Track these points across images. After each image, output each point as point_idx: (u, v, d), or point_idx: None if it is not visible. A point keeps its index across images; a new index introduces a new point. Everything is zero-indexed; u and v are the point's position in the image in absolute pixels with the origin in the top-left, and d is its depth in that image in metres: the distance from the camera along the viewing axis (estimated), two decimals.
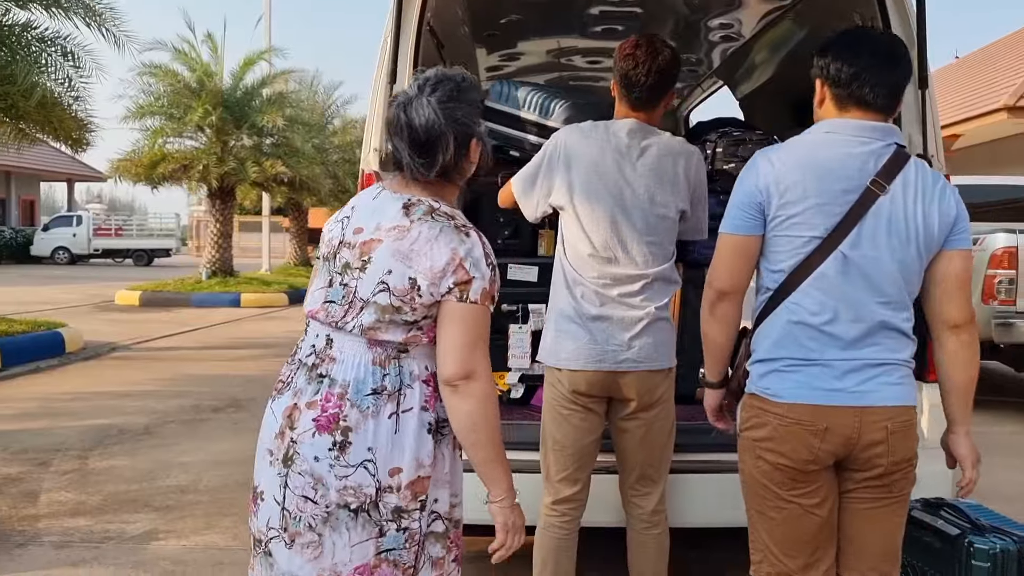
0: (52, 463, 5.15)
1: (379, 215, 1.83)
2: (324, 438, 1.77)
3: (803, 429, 1.98)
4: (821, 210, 1.98)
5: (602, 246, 2.60)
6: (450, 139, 1.78)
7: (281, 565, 1.81)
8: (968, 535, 2.30)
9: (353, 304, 1.81)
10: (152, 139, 16.29)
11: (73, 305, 14.77)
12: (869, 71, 2.02)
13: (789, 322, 2.02)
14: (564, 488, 2.70)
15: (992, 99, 13.36)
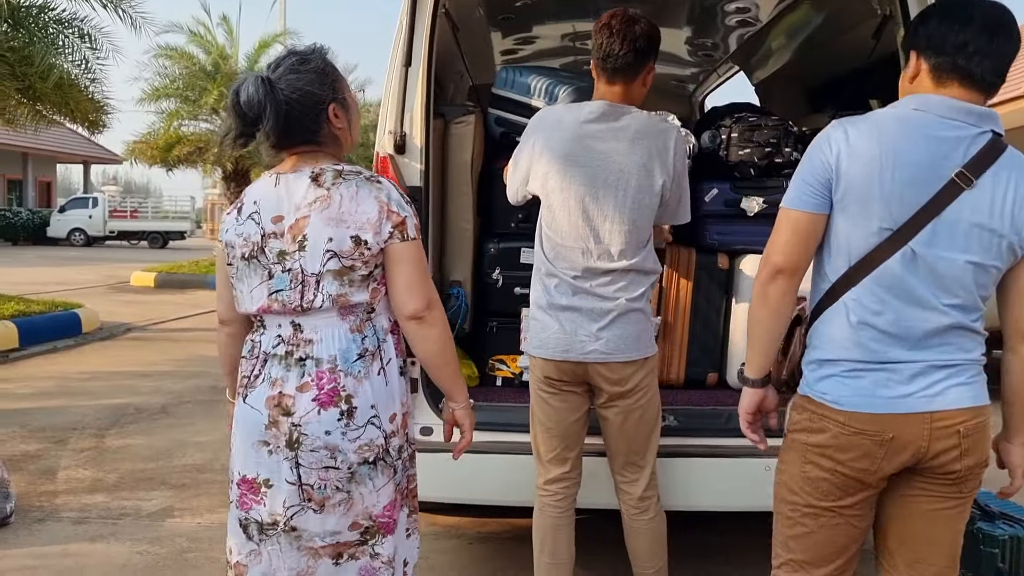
0: (69, 441, 5.22)
1: (291, 197, 1.92)
2: (330, 412, 1.89)
3: (867, 439, 1.84)
4: (896, 198, 1.78)
5: (574, 237, 2.55)
6: (271, 112, 1.86)
7: (314, 528, 1.94)
8: (978, 522, 2.31)
9: (306, 283, 1.90)
10: (168, 121, 16.34)
11: (89, 286, 14.88)
12: (979, 40, 1.78)
13: (849, 321, 1.86)
14: (554, 467, 2.74)
15: (1012, 87, 13.19)
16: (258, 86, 1.88)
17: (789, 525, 1.97)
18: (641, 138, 2.54)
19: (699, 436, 3.09)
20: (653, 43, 2.58)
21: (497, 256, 3.43)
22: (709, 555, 3.59)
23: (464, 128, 3.27)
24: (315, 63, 1.94)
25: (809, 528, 1.93)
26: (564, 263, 2.58)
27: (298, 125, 1.92)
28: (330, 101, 1.94)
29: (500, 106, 3.57)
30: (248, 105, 1.88)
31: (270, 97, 1.87)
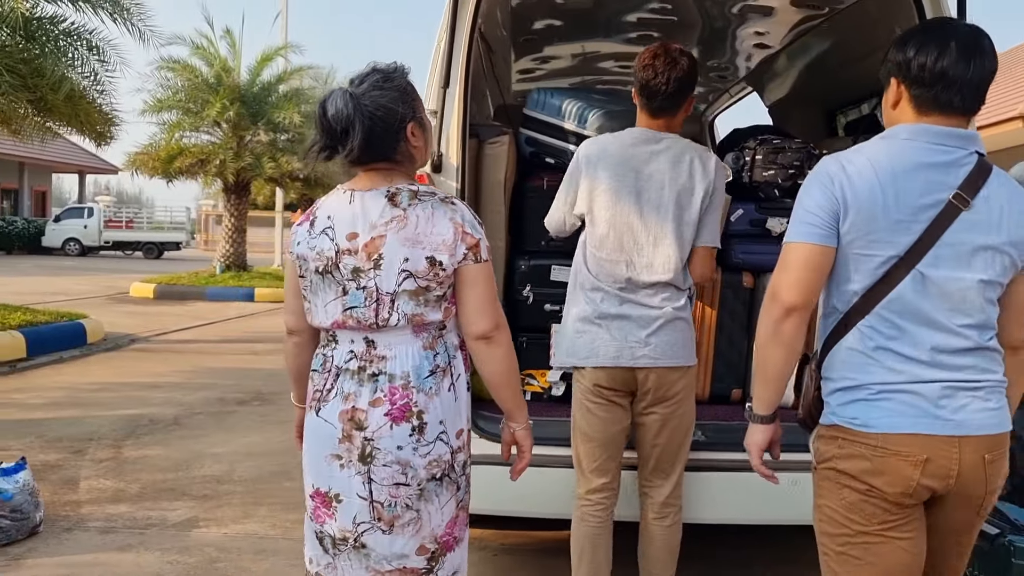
0: (87, 451, 5.25)
1: (366, 215, 1.94)
2: (403, 427, 1.93)
3: (901, 460, 1.82)
4: (902, 227, 1.82)
5: (619, 252, 2.69)
6: (357, 126, 1.88)
7: (382, 550, 1.96)
8: (1008, 535, 2.38)
9: (381, 301, 1.92)
10: (170, 133, 16.40)
11: (88, 296, 14.88)
12: (956, 68, 1.82)
13: (866, 348, 1.86)
14: (596, 478, 2.81)
15: (1008, 107, 13.41)
16: (346, 101, 1.89)
17: (840, 562, 1.91)
18: (681, 160, 2.69)
19: (726, 450, 3.15)
20: (693, 77, 2.75)
21: (528, 273, 3.50)
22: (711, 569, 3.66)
23: (499, 148, 3.35)
24: (398, 81, 1.97)
25: (861, 558, 1.87)
26: (609, 277, 2.70)
27: (379, 142, 1.93)
28: (410, 120, 1.96)
29: (531, 127, 3.66)
30: (336, 119, 1.90)
31: (358, 112, 1.89)
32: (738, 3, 3.98)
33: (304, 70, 18.86)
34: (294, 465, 5.09)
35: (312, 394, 2.04)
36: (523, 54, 5.14)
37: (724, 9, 4.10)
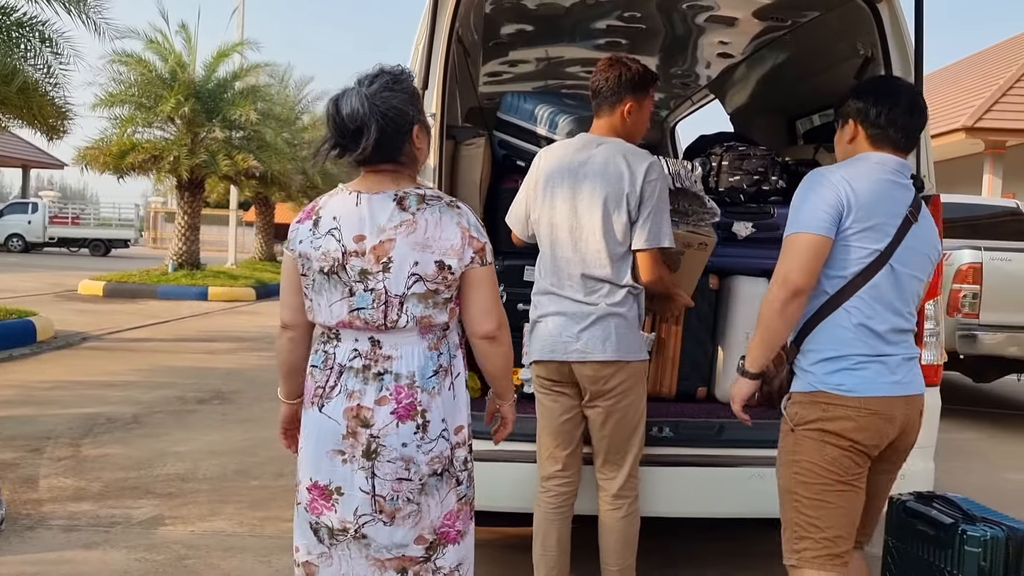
0: (45, 450, 5.17)
1: (374, 218, 1.96)
2: (408, 425, 1.99)
3: (879, 419, 2.25)
4: (882, 228, 2.27)
5: (560, 255, 2.87)
6: (372, 126, 1.91)
7: (382, 540, 2.02)
8: (961, 524, 2.51)
9: (390, 303, 1.96)
10: (122, 128, 16.07)
11: (35, 293, 14.53)
12: (904, 117, 2.34)
13: (851, 324, 2.27)
14: (548, 465, 2.96)
15: (952, 119, 13.89)
16: (362, 100, 1.91)
17: (814, 507, 2.27)
18: (610, 163, 2.84)
19: (691, 446, 3.26)
20: (629, 83, 2.91)
21: (502, 273, 3.51)
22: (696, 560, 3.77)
23: (474, 150, 3.41)
24: (406, 83, 2.00)
25: (835, 503, 2.26)
26: (551, 276, 2.89)
27: (388, 143, 1.96)
28: (416, 122, 2.01)
29: (504, 130, 3.72)
30: (351, 118, 1.92)
31: (374, 112, 1.92)
32: (703, 13, 4.10)
33: (260, 67, 18.65)
34: (257, 464, 5.08)
35: (313, 390, 2.06)
36: (491, 57, 5.19)
37: (689, 19, 4.22)
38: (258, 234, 24.88)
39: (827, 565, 2.28)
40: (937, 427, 3.27)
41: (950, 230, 7.56)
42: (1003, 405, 8.36)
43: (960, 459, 5.87)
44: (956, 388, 8.36)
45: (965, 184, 14.00)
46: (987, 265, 6.60)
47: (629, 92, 2.91)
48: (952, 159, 15.73)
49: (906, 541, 2.69)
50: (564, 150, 2.95)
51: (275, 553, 3.70)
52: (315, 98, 23.32)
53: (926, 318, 3.21)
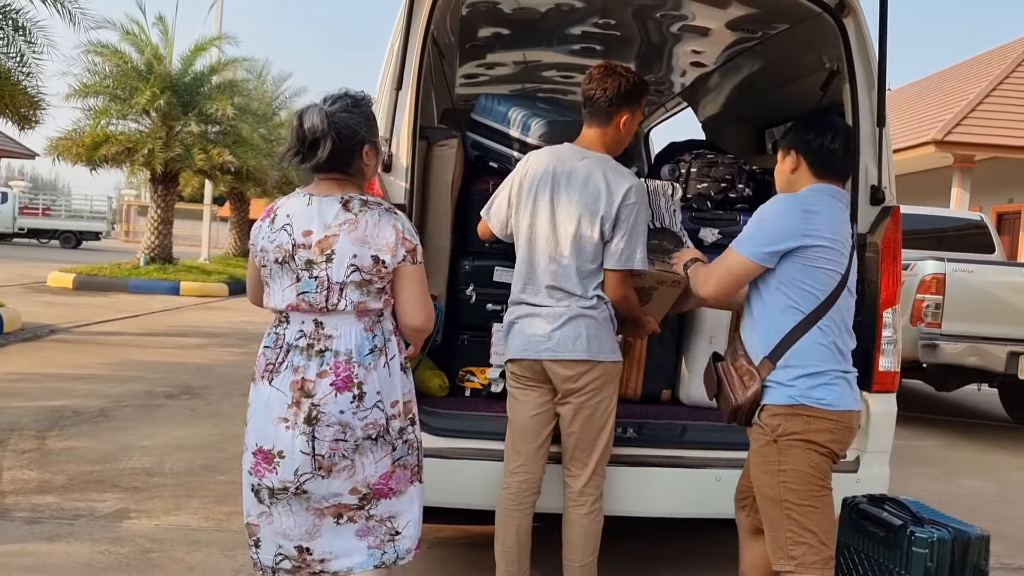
0: (8, 442, 5.13)
1: (322, 216, 2.26)
2: (345, 395, 2.25)
3: (849, 431, 2.50)
4: (841, 253, 2.49)
5: (532, 256, 2.93)
6: (328, 141, 2.21)
7: (320, 492, 2.27)
8: (910, 526, 2.59)
9: (331, 289, 2.25)
10: (96, 119, 15.91)
11: (3, 284, 14.35)
12: (842, 151, 2.59)
13: (825, 342, 2.46)
14: (512, 460, 3.03)
15: (922, 132, 14.13)
16: (322, 117, 2.22)
17: (805, 512, 2.44)
18: (590, 181, 2.87)
19: (655, 447, 3.32)
20: (628, 94, 2.92)
21: (471, 273, 3.60)
22: (656, 561, 3.83)
23: (447, 151, 3.44)
24: (364, 108, 2.32)
25: (821, 508, 2.46)
26: (529, 284, 2.94)
27: (339, 156, 2.26)
28: (368, 142, 2.31)
29: (477, 131, 3.76)
30: (311, 131, 2.22)
31: (331, 128, 2.22)
32: (677, 23, 4.17)
33: (238, 62, 18.58)
34: (224, 459, 5.07)
35: (264, 367, 2.32)
36: (468, 59, 5.23)
37: (663, 27, 4.28)
38: (232, 229, 24.72)
39: (824, 568, 2.44)
40: (893, 433, 3.36)
41: (916, 241, 7.74)
42: (963, 414, 8.53)
43: (919, 466, 5.99)
44: (918, 396, 8.53)
45: (933, 197, 14.25)
46: (950, 276, 6.74)
47: (626, 104, 2.92)
48: (921, 172, 16.00)
49: (857, 541, 2.77)
50: (551, 158, 2.96)
51: (240, 548, 3.70)
52: (293, 94, 23.29)
53: (884, 326, 3.29)
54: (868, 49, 3.38)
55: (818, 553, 2.43)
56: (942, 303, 6.70)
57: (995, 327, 6.80)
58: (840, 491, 3.04)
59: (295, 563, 2.33)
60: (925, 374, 7.24)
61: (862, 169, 3.37)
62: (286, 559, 2.33)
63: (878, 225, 3.32)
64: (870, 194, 3.34)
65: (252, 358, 6.82)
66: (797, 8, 3.51)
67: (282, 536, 2.31)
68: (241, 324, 11.81)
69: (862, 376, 3.29)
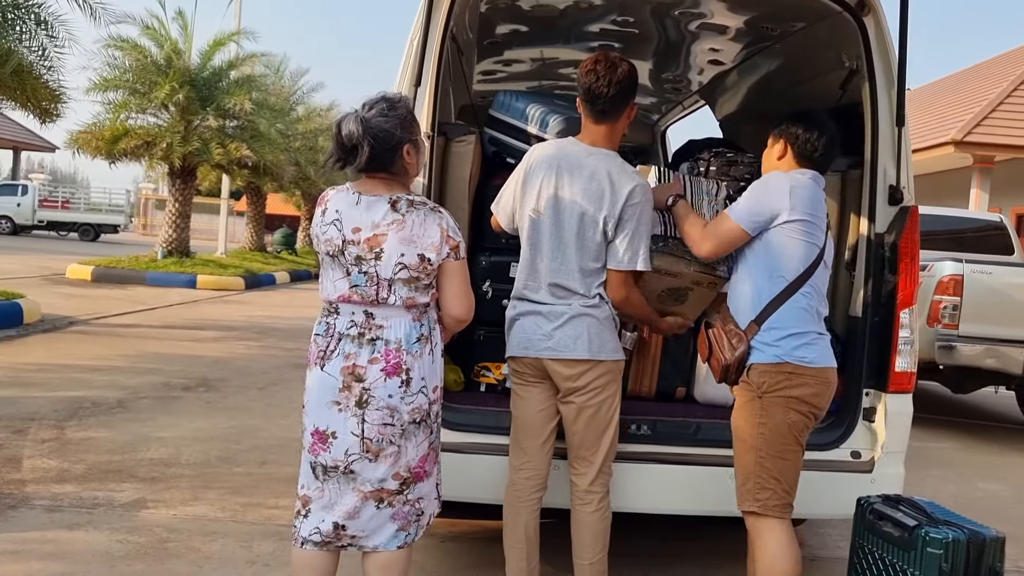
0: (29, 431, 5.19)
1: (370, 215, 2.42)
2: (394, 380, 2.43)
3: (829, 386, 2.77)
4: (819, 228, 2.78)
5: (536, 254, 2.91)
6: (366, 146, 2.37)
7: (367, 475, 2.45)
8: (924, 526, 2.59)
9: (380, 284, 2.42)
10: (115, 113, 16.03)
11: (22, 276, 14.50)
12: (826, 145, 2.87)
13: (808, 305, 2.75)
14: (517, 456, 3.03)
15: (941, 133, 14.02)
16: (358, 124, 2.38)
17: (775, 462, 2.71)
18: (595, 181, 2.84)
19: (669, 444, 3.33)
20: (634, 84, 2.90)
21: (488, 269, 3.62)
22: (680, 558, 3.84)
23: (465, 147, 3.46)
24: (400, 110, 2.45)
25: (791, 460, 2.74)
26: (531, 280, 2.94)
27: (380, 158, 2.41)
28: (407, 142, 2.44)
29: (496, 127, 3.77)
30: (348, 138, 2.39)
31: (366, 134, 2.37)
32: (695, 20, 4.16)
33: (257, 57, 18.67)
34: (240, 451, 5.12)
35: (316, 353, 2.49)
36: (485, 56, 5.24)
37: (681, 25, 4.28)
38: (249, 224, 24.83)
39: (785, 513, 2.72)
40: (908, 433, 3.35)
41: (934, 242, 7.70)
42: (980, 416, 8.48)
43: (935, 468, 5.96)
44: (934, 398, 8.48)
45: (952, 197, 14.15)
46: (968, 278, 6.70)
47: (632, 95, 2.89)
48: (940, 172, 15.88)
49: (872, 542, 2.77)
50: (555, 151, 2.93)
51: (256, 539, 3.75)
52: (310, 89, 23.37)
53: (901, 326, 3.28)
54: (888, 48, 3.36)
55: (780, 499, 2.71)
56: (960, 304, 6.66)
57: (1013, 329, 6.75)
58: (855, 491, 3.07)
59: (326, 538, 2.48)
60: (941, 376, 7.20)
61: (880, 169, 3.37)
62: (319, 533, 2.49)
63: (896, 225, 3.31)
64: (888, 194, 3.34)
65: (269, 352, 6.97)
66: (817, 6, 3.49)
67: (327, 510, 2.47)
68: (258, 318, 11.89)
69: (878, 377, 3.32)
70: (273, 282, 18.50)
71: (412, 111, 2.52)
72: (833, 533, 4.38)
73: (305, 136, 23.03)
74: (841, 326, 3.64)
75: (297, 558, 2.55)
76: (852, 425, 3.33)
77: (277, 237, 25.79)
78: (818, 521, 4.41)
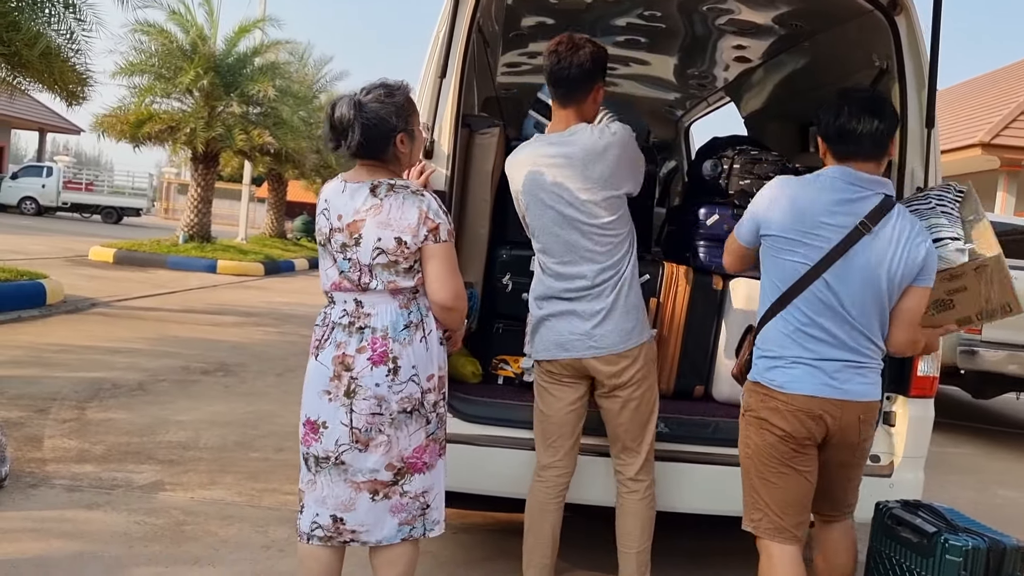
0: (50, 411, 5.25)
1: (353, 202, 2.38)
2: (380, 369, 2.37)
3: (805, 415, 2.48)
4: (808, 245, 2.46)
5: (555, 260, 2.87)
6: (357, 130, 2.31)
7: (358, 465, 2.40)
8: (944, 533, 2.56)
9: (363, 270, 2.38)
10: (140, 97, 16.15)
11: (46, 257, 14.63)
12: (852, 124, 2.43)
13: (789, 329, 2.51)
14: (546, 455, 2.99)
15: (969, 134, 13.84)
16: (350, 107, 2.33)
17: (760, 484, 2.57)
18: (589, 151, 2.80)
19: (687, 443, 3.31)
20: (599, 65, 2.86)
21: (508, 262, 3.62)
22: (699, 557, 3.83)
23: (489, 140, 3.45)
24: (398, 98, 2.39)
25: (776, 483, 2.54)
26: (562, 281, 2.88)
27: (371, 144, 2.36)
28: (400, 131, 2.38)
29: (540, 111, 3.73)
30: (340, 120, 2.34)
31: (358, 118, 2.32)
32: (723, 16, 4.13)
33: (281, 44, 18.73)
34: (258, 436, 5.16)
35: (313, 343, 2.47)
36: (510, 48, 5.23)
37: (709, 21, 4.24)
38: (270, 210, 24.98)
39: (776, 537, 2.56)
40: (929, 438, 3.32)
41: None
42: (1001, 422, 8.38)
43: (955, 474, 5.91)
44: (955, 404, 8.39)
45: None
46: None
47: (597, 77, 2.85)
48: (967, 174, 15.68)
49: (890, 547, 2.75)
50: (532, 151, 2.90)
51: (272, 524, 3.77)
52: (334, 78, 23.39)
53: None
54: (919, 48, 3.32)
55: (772, 523, 2.56)
56: None
57: None
58: (873, 495, 3.04)
59: (328, 532, 2.45)
60: (962, 381, 7.12)
61: (908, 170, 3.32)
62: (320, 528, 2.45)
63: None
64: None
65: (287, 338, 7.00)
66: (848, 5, 3.45)
67: (321, 504, 2.44)
68: (277, 304, 11.95)
69: (899, 381, 3.28)
70: (292, 269, 18.61)
71: (411, 100, 2.44)
72: None
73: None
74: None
75: (302, 552, 2.53)
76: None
77: (297, 224, 25.92)
78: None
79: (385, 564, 2.51)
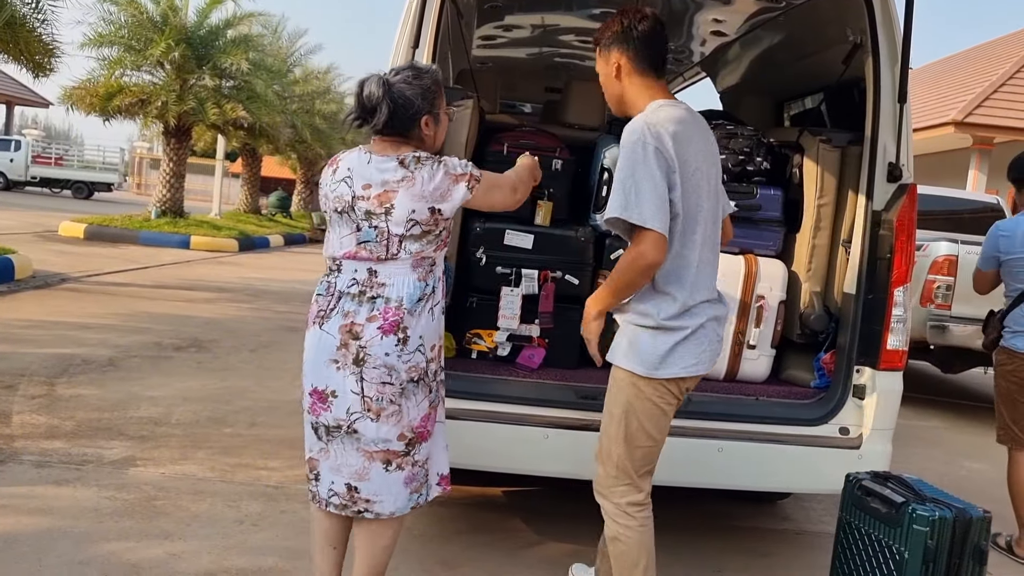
0: (19, 387, 5.18)
1: (381, 173, 2.40)
2: (390, 338, 2.39)
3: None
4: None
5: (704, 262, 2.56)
6: (385, 108, 2.38)
7: (371, 435, 2.42)
8: (911, 503, 2.60)
9: (391, 240, 2.39)
10: (110, 70, 15.83)
11: (14, 232, 14.38)
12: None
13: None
14: (644, 484, 2.66)
15: (941, 113, 13.95)
16: (379, 85, 2.39)
17: (1010, 406, 4.00)
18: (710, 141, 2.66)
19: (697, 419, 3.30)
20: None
21: (482, 235, 3.59)
22: None
23: (462, 112, 3.41)
24: (426, 81, 2.46)
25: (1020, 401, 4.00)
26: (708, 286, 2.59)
27: (397, 123, 2.42)
28: (426, 113, 2.45)
29: None
30: (368, 99, 2.40)
31: (386, 97, 2.39)
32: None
33: (254, 16, 18.35)
34: (231, 412, 5.12)
35: (316, 313, 2.47)
36: (485, 21, 5.17)
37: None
38: (244, 186, 24.68)
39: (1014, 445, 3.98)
40: (897, 411, 3.36)
41: (930, 222, 7.68)
42: (968, 396, 8.53)
43: (921, 446, 6.01)
44: (923, 378, 8.52)
45: (950, 178, 14.11)
46: (962, 258, 6.69)
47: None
48: (939, 152, 15.83)
49: (859, 518, 2.79)
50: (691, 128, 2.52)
51: (244, 499, 3.75)
52: (308, 52, 23.07)
53: (895, 304, 3.28)
54: (893, 23, 3.33)
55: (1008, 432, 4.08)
56: (953, 285, 6.67)
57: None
58: (842, 466, 3.08)
59: (343, 500, 2.48)
60: (930, 355, 7.23)
61: (880, 145, 3.34)
62: (336, 495, 2.48)
63: (894, 203, 3.29)
64: (887, 171, 3.31)
65: (261, 314, 6.92)
66: None
67: (336, 472, 2.46)
68: (251, 280, 11.84)
69: (869, 354, 3.31)
70: (267, 245, 18.44)
71: (438, 83, 2.50)
72: (818, 508, 4.41)
73: (302, 98, 22.81)
74: (835, 302, 3.64)
75: (315, 516, 2.58)
76: (842, 401, 3.34)
77: (272, 200, 25.65)
78: (804, 495, 4.44)
79: (370, 535, 2.51)
